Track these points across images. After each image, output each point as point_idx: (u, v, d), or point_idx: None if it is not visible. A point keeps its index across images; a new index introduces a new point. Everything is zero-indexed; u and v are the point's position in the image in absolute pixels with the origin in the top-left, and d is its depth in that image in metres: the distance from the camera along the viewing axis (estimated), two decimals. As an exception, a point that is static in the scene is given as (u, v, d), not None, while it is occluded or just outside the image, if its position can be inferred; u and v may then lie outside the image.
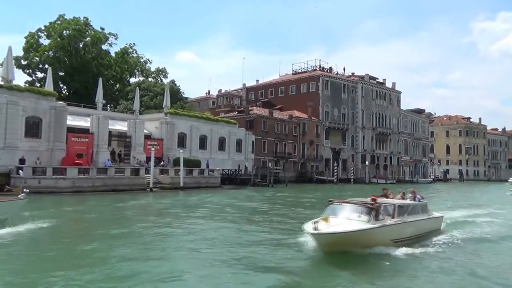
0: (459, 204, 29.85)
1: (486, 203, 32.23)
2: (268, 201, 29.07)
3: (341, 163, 72.08)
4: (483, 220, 19.98)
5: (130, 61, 65.61)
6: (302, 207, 25.38)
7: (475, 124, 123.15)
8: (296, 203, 28.44)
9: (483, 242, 14.50)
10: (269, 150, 60.20)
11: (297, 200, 31.29)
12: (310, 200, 30.55)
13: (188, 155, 46.11)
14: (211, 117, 51.24)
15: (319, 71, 73.22)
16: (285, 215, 21.23)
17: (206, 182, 40.70)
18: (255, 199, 31.23)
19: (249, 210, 23.85)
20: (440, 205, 26.42)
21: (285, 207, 25.75)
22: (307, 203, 28.50)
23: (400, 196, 15.15)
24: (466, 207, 27.61)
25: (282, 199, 31.79)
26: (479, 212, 24.13)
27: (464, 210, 24.48)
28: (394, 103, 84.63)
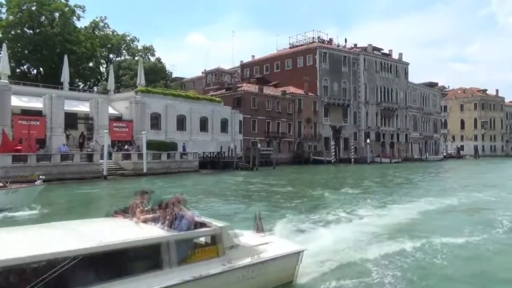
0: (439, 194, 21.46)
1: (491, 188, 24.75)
2: (212, 191, 23.62)
3: (343, 141, 66.92)
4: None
5: (106, 36, 61.08)
6: (236, 199, 20.77)
7: (491, 97, 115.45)
8: (244, 193, 23.38)
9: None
10: (260, 130, 55.45)
11: (259, 188, 25.96)
12: (273, 189, 24.66)
13: (163, 137, 41.91)
14: (191, 95, 46.66)
15: (317, 43, 67.41)
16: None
17: (178, 167, 36.37)
18: (210, 186, 26.58)
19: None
20: (412, 197, 20.37)
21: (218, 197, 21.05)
22: (261, 193, 23.05)
23: (142, 214, 6.29)
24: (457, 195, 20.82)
25: (242, 186, 27.06)
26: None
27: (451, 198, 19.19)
28: (401, 76, 78.34)
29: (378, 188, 26.34)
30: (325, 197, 20.26)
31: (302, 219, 12.97)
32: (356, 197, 20.20)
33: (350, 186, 25.71)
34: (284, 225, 10.63)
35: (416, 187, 27.51)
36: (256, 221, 8.07)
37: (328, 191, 22.95)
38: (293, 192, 22.84)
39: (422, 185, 28.38)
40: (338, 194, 21.56)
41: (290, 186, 26.74)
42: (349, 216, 13.91)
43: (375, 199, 19.15)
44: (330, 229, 11.40)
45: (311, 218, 13.42)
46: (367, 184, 28.75)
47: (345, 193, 22.20)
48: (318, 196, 21.17)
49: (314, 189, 24.67)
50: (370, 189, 24.76)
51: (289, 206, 17.18)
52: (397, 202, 18.31)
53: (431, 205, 16.77)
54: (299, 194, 22.10)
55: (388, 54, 78.31)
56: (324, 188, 24.57)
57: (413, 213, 14.70)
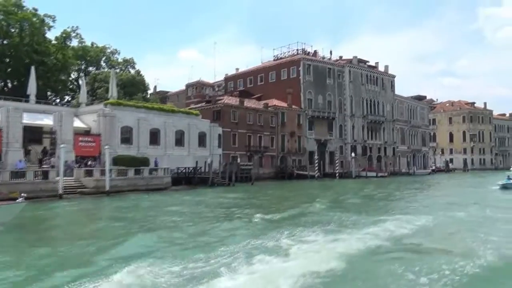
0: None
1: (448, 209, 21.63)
2: (150, 215, 20.78)
3: (328, 155, 65.12)
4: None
5: (84, 48, 59.37)
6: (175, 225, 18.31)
7: (480, 109, 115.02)
8: (183, 217, 19.95)
9: None
10: (241, 144, 53.42)
11: (216, 208, 23.34)
12: (227, 211, 21.64)
13: (135, 152, 39.71)
14: (166, 108, 44.64)
15: (301, 55, 66.06)
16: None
17: (146, 184, 34.08)
18: (160, 207, 24.31)
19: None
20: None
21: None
22: (205, 215, 20.36)
23: None
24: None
25: (196, 208, 24.71)
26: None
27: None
28: (387, 88, 77.19)
29: (347, 206, 24.42)
30: (279, 221, 17.78)
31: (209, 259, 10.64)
32: (314, 219, 18.16)
33: (320, 204, 23.70)
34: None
35: (387, 206, 24.76)
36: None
37: (292, 211, 20.99)
38: (248, 214, 20.14)
39: (393, 205, 25.84)
40: (298, 216, 19.31)
41: (254, 206, 24.44)
42: (281, 250, 11.68)
43: (332, 221, 17.11)
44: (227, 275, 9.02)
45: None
46: (339, 201, 26.79)
47: (307, 213, 20.18)
48: (272, 220, 18.28)
49: (277, 209, 22.19)
50: (337, 208, 22.70)
51: (220, 235, 14.66)
52: (355, 226, 16.13)
53: (389, 232, 14.57)
54: (253, 215, 19.41)
55: (374, 67, 77.26)
56: (289, 208, 22.41)
57: (359, 246, 12.24)
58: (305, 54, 68.04)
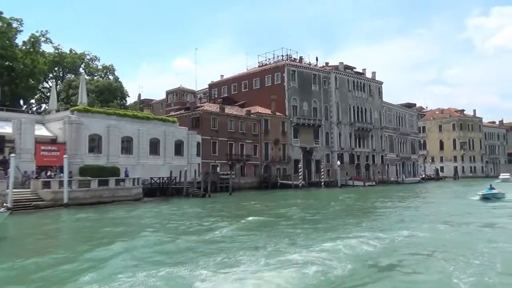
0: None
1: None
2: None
3: (314, 164, 63.09)
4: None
5: (60, 54, 57.44)
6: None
7: (469, 117, 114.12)
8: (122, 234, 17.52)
9: None
10: (221, 152, 51.20)
11: (168, 225, 20.36)
12: (180, 226, 19.35)
13: (104, 162, 37.34)
14: (140, 115, 42.40)
15: (285, 61, 64.31)
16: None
17: (112, 195, 31.66)
18: (110, 224, 21.91)
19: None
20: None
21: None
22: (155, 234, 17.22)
23: None
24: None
25: (150, 221, 22.47)
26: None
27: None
28: (375, 95, 75.62)
29: (320, 218, 22.32)
30: (217, 241, 15.32)
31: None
32: (272, 236, 15.98)
33: (285, 220, 21.54)
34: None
35: (358, 219, 21.67)
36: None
37: (247, 226, 18.88)
38: (200, 231, 17.94)
39: (365, 218, 23.02)
40: (257, 233, 17.06)
41: (218, 220, 22.17)
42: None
43: (291, 238, 15.07)
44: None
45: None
46: (311, 213, 24.63)
47: (269, 230, 17.98)
48: (209, 241, 15.62)
49: (230, 224, 19.81)
50: (309, 221, 20.61)
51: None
52: (311, 242, 14.13)
53: (348, 251, 12.65)
54: (205, 232, 17.25)
55: (361, 73, 75.78)
56: (247, 223, 20.16)
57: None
58: (291, 60, 66.31)
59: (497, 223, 19.62)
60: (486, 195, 31.29)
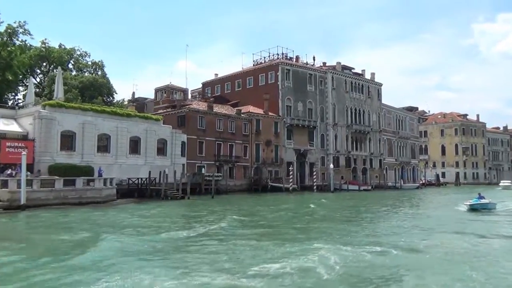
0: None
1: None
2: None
3: (308, 167, 60.58)
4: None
5: (48, 49, 55.58)
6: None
7: (472, 122, 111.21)
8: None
9: None
10: (209, 153, 48.82)
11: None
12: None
13: (78, 161, 35.14)
14: (119, 112, 40.10)
15: (279, 60, 61.89)
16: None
17: (79, 197, 29.34)
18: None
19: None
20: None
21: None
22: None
23: None
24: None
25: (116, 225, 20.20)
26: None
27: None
28: (373, 97, 73.07)
29: (289, 226, 19.92)
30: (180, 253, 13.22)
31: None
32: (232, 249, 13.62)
33: (251, 229, 19.17)
34: None
35: (333, 229, 19.24)
36: None
37: (196, 237, 16.49)
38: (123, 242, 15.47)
39: (342, 227, 20.44)
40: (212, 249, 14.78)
41: (172, 228, 19.78)
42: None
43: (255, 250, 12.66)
44: None
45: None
46: (286, 221, 22.22)
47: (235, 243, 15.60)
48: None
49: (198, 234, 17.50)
50: (269, 233, 18.24)
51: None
52: (269, 256, 11.82)
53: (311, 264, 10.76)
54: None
55: (360, 74, 73.25)
56: (198, 235, 17.57)
57: None
58: (286, 59, 63.88)
59: (475, 247, 15.10)
60: (474, 205, 27.65)
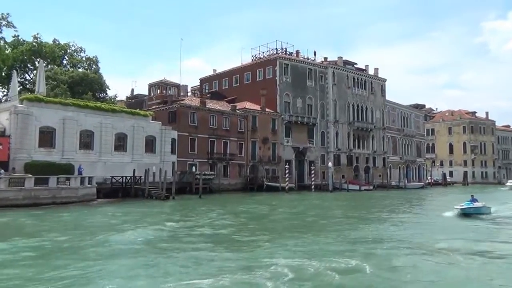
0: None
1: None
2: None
3: (307, 165, 58.37)
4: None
5: (40, 44, 54.36)
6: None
7: (481, 120, 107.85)
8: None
9: None
10: (201, 150, 46.87)
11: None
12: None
13: (59, 158, 33.43)
14: (103, 107, 38.27)
15: (278, 54, 59.66)
16: None
17: (52, 196, 27.55)
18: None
19: None
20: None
21: None
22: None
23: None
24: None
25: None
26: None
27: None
28: (377, 93, 70.54)
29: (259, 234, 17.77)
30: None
31: None
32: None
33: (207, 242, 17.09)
34: None
35: (295, 239, 15.91)
36: None
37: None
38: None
39: (306, 238, 16.75)
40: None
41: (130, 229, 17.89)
42: None
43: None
44: None
45: None
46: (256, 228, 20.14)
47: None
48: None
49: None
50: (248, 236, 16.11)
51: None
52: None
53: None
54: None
55: (363, 69, 70.74)
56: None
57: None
58: (285, 53, 61.65)
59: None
60: (466, 210, 24.06)
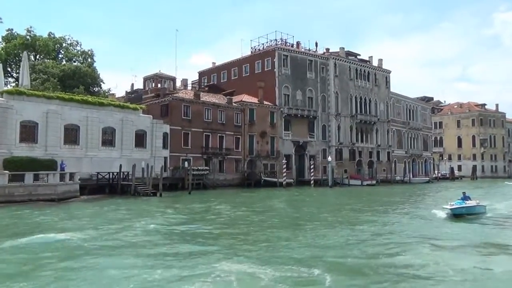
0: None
1: None
2: None
3: (307, 159, 56.52)
4: None
5: (33, 37, 53.34)
6: None
7: (491, 112, 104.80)
8: None
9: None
10: (195, 145, 45.27)
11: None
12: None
13: (42, 153, 32.12)
14: (90, 100, 36.78)
15: (276, 45, 57.68)
16: None
17: (28, 193, 26.15)
18: None
19: None
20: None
21: None
22: None
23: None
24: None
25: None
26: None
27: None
28: (381, 85, 68.25)
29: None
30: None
31: None
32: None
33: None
34: None
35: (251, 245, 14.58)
36: None
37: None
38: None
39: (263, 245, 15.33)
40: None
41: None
42: None
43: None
44: None
45: None
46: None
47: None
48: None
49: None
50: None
51: None
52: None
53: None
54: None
55: (366, 61, 68.46)
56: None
57: None
58: (285, 44, 59.61)
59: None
60: (456, 210, 20.11)
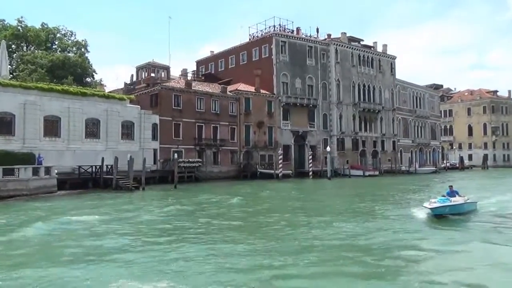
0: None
1: None
2: None
3: (308, 150, 54.33)
4: None
5: (26, 28, 52.04)
6: None
7: (503, 99, 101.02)
8: None
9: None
10: (187, 136, 43.44)
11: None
12: None
13: (19, 146, 30.61)
14: (71, 90, 35.08)
15: (273, 31, 55.25)
16: None
17: (-3, 188, 24.62)
18: None
19: None
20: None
21: None
22: None
23: None
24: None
25: None
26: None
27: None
28: (385, 72, 65.48)
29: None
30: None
31: None
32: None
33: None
34: None
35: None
36: None
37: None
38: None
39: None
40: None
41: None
42: None
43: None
44: None
45: None
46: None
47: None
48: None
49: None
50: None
51: None
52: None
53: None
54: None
55: (370, 46, 65.68)
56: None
57: None
58: (284, 30, 57.12)
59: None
60: (438, 210, 16.33)
